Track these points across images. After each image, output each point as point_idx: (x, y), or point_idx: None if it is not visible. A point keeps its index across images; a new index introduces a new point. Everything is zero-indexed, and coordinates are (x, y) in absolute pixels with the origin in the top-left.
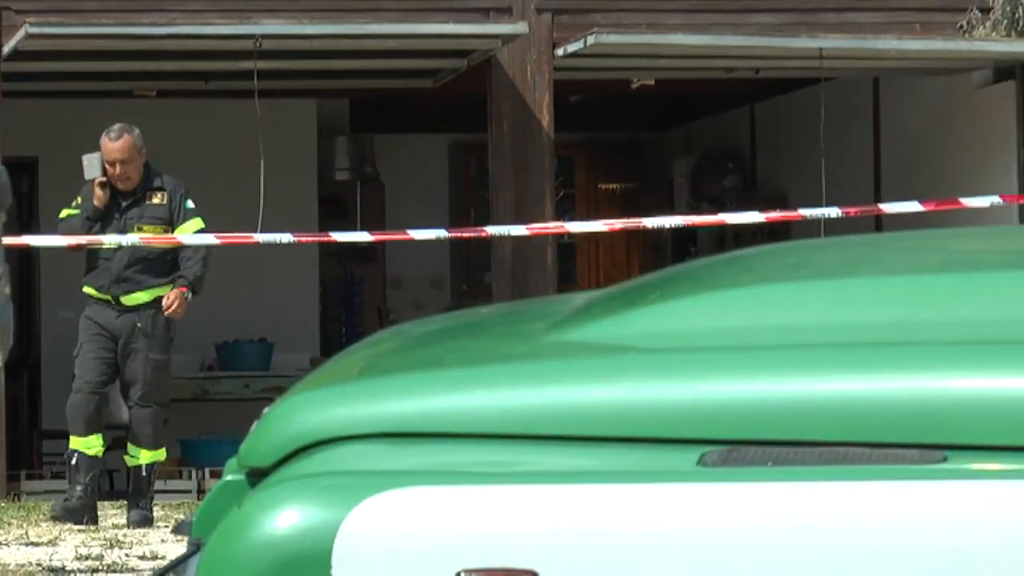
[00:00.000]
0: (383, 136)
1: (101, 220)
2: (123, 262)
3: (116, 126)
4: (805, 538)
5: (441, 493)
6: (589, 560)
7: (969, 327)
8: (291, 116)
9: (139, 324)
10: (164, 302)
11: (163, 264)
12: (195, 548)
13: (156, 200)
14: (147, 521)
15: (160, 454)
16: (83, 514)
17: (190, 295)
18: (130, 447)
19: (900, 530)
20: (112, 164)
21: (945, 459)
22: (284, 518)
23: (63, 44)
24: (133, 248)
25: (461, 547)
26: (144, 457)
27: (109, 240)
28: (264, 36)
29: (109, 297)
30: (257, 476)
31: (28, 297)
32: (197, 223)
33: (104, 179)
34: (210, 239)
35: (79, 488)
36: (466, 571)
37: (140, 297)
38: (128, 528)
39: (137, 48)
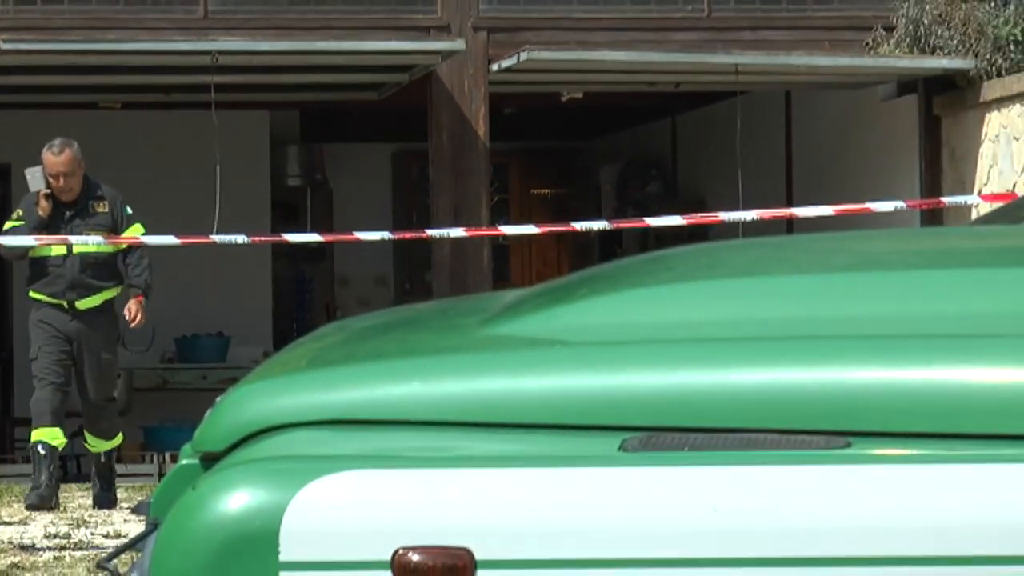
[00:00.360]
0: (332, 145)
1: (46, 229)
2: (76, 268)
3: (57, 141)
4: (719, 518)
5: (381, 476)
6: (520, 538)
7: (870, 322)
8: (246, 126)
9: (92, 327)
10: (127, 315)
11: (111, 268)
12: (153, 527)
13: (100, 208)
14: (111, 502)
15: (117, 440)
16: (52, 500)
17: (145, 301)
18: (89, 437)
19: (806, 510)
20: (56, 177)
21: (849, 445)
22: (235, 499)
23: (35, 59)
24: (82, 255)
25: (399, 526)
26: (102, 446)
27: (79, 242)
28: (221, 52)
29: (64, 302)
30: (210, 460)
31: (1, 292)
32: (138, 228)
33: (48, 191)
34: (170, 240)
35: (45, 476)
36: (404, 548)
37: (92, 301)
38: (93, 509)
39: (103, 63)
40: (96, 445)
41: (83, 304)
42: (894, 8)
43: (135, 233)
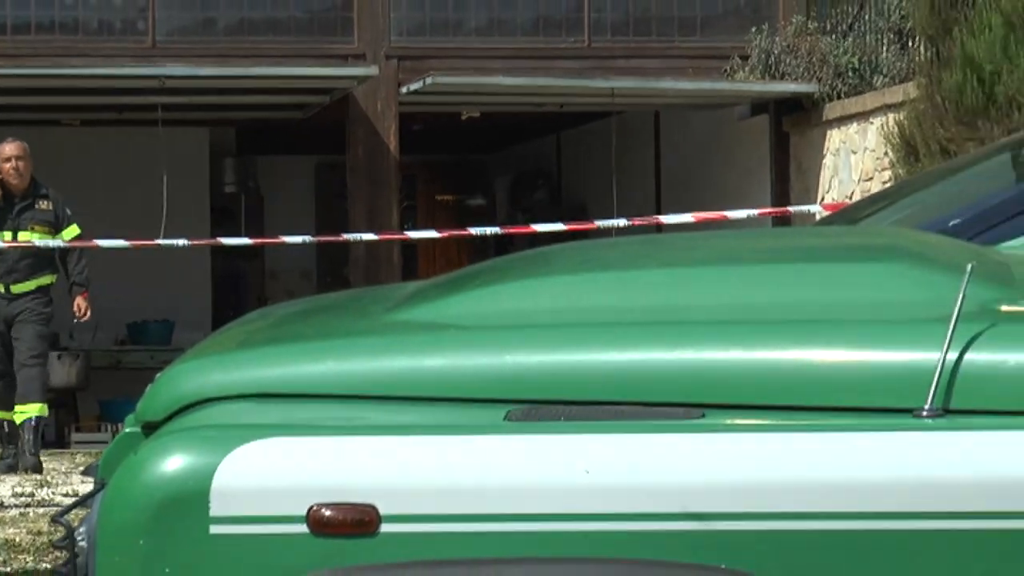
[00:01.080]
0: (263, 157)
1: None
2: (15, 257)
3: (9, 138)
4: (590, 479)
5: (298, 443)
6: (419, 495)
7: (721, 309)
8: (189, 141)
9: (27, 305)
10: (76, 311)
11: (47, 260)
12: (100, 486)
13: (43, 206)
14: (38, 467)
15: (44, 408)
16: (16, 465)
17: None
18: (18, 407)
19: (667, 472)
20: (9, 160)
21: (703, 415)
22: (171, 462)
23: (5, 83)
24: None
25: (314, 486)
26: (33, 410)
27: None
28: (167, 77)
29: (2, 286)
30: (150, 429)
31: None
32: (75, 229)
33: None
34: (121, 243)
35: (12, 448)
36: (317, 505)
37: (28, 286)
38: (24, 473)
39: (65, 86)
40: (26, 411)
41: (18, 288)
42: (749, 39)
43: (73, 232)
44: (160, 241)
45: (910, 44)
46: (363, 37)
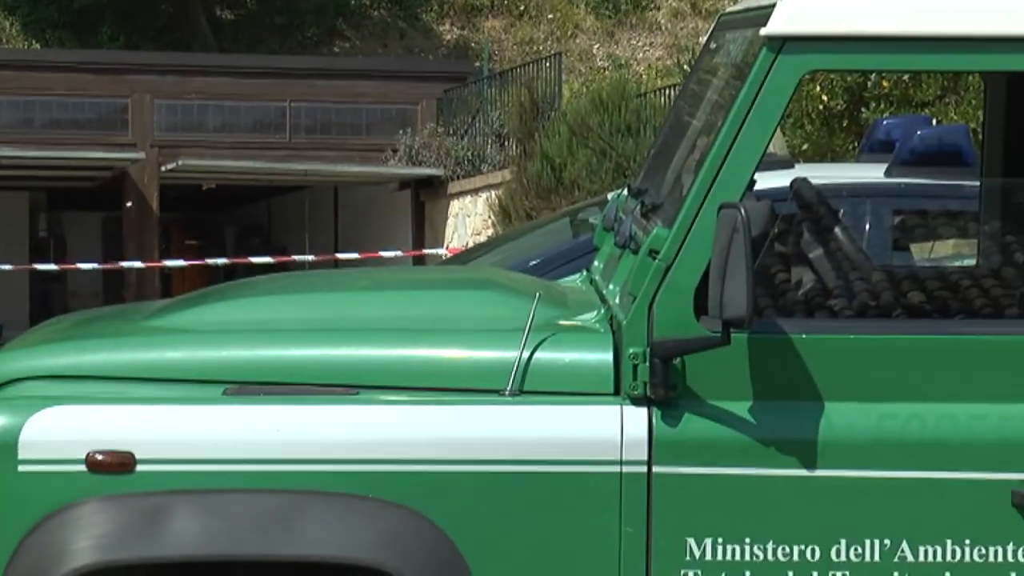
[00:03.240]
0: (66, 212)
1: None
2: None
3: None
4: (281, 435)
5: (81, 409)
6: (164, 446)
7: (372, 320)
8: (14, 200)
9: None
10: None
11: None
12: None
13: None
14: None
15: None
16: None
17: None
18: None
19: (333, 431)
20: None
21: (358, 393)
22: None
23: None
24: None
25: (90, 439)
26: None
27: None
28: (2, 156)
29: None
30: None
31: None
32: None
33: None
34: None
35: None
36: (92, 451)
37: None
38: None
39: None
40: None
41: None
42: (398, 138)
43: None
44: None
45: (506, 143)
46: (135, 132)
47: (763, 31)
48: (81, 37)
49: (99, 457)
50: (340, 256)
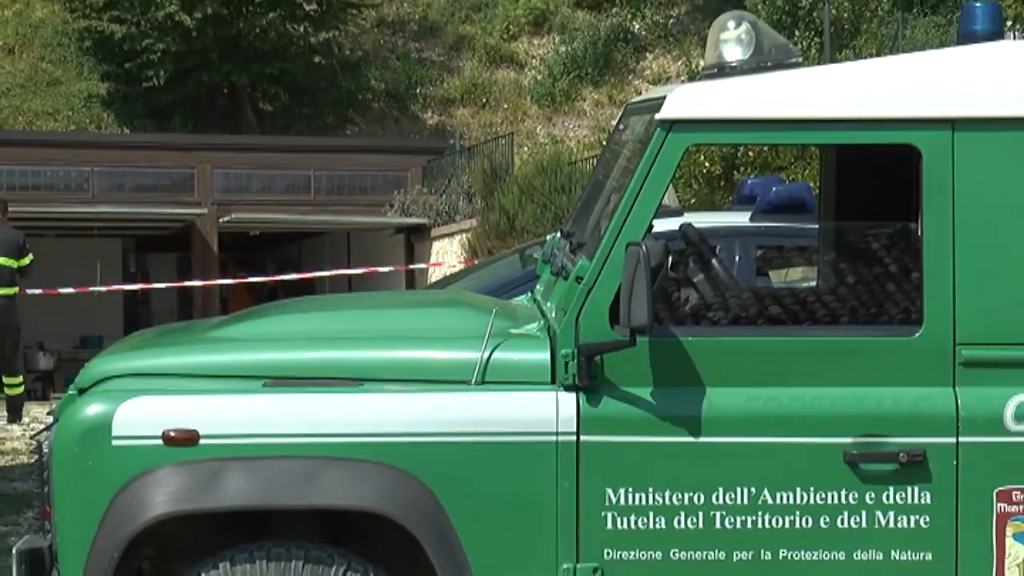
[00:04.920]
0: (151, 253)
1: None
2: None
3: None
4: (308, 416)
5: (160, 399)
6: (221, 424)
7: (372, 331)
8: (110, 246)
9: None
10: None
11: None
12: (55, 421)
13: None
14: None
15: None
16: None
17: None
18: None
19: (346, 413)
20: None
21: (363, 385)
22: (92, 408)
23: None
24: None
25: (166, 420)
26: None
27: None
28: (103, 213)
29: None
30: (82, 391)
31: None
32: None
33: None
34: (70, 290)
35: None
36: (167, 430)
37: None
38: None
39: (50, 216)
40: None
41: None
42: (394, 196)
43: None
44: (93, 288)
45: (473, 199)
46: (200, 193)
47: (658, 116)
48: (160, 124)
49: (172, 434)
50: (350, 271)
